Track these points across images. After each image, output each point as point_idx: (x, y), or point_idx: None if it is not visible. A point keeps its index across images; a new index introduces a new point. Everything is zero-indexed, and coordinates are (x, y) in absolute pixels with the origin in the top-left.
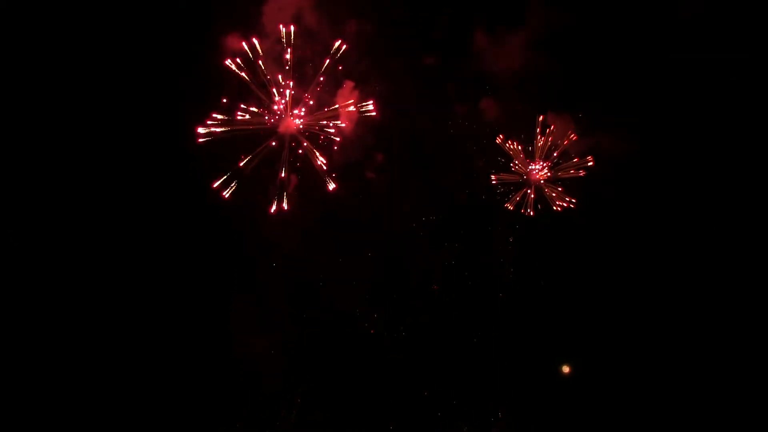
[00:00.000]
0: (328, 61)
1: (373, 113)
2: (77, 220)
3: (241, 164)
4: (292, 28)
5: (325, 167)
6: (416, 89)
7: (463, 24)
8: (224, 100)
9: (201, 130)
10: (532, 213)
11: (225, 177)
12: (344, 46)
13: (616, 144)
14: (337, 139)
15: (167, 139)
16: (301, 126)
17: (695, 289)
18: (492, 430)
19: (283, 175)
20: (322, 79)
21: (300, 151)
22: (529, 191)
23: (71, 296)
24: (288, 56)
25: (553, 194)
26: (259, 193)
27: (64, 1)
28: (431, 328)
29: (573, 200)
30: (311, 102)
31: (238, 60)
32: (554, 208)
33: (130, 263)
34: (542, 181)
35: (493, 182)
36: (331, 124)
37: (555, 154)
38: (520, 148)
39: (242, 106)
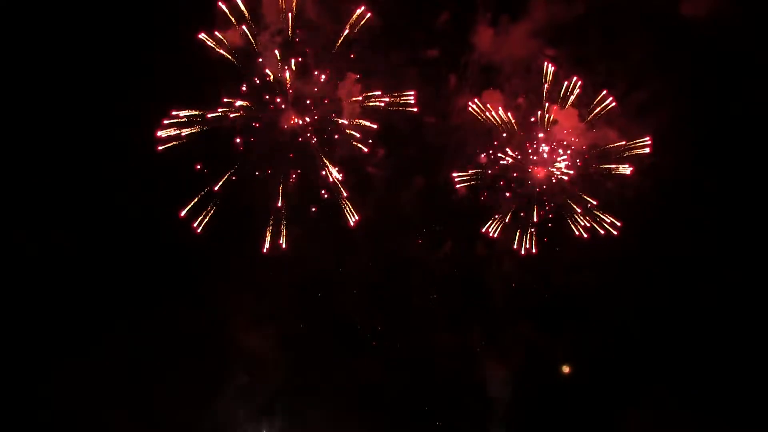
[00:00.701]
0: (347, 31)
1: (415, 109)
2: None
3: (217, 186)
4: None
5: (344, 192)
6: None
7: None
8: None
9: (161, 133)
10: (534, 249)
11: (195, 201)
12: (368, 14)
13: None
14: (365, 150)
15: (108, 148)
16: (304, 123)
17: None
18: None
19: (279, 203)
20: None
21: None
22: (529, 202)
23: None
24: (289, 16)
25: (578, 209)
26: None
27: None
28: (431, 335)
29: (618, 223)
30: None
31: (217, 33)
32: (578, 234)
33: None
34: (553, 181)
35: (457, 184)
36: (357, 124)
37: (574, 139)
38: (512, 119)
39: (225, 99)
